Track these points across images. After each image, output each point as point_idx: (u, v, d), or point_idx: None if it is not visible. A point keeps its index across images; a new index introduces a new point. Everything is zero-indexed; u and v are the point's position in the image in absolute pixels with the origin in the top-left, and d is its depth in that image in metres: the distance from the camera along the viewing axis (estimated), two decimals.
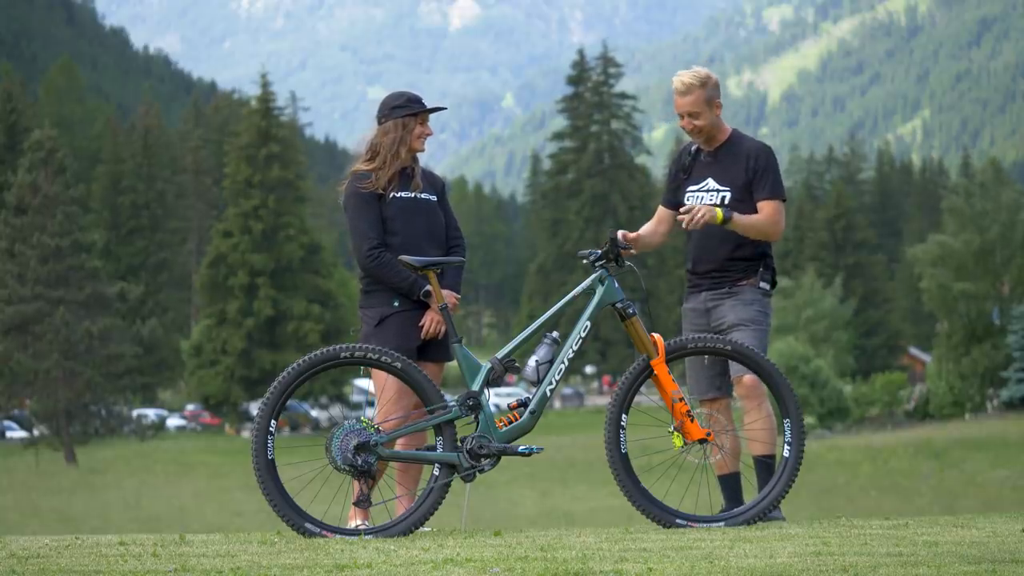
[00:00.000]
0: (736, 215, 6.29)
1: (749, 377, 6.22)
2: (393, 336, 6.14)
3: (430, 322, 6.21)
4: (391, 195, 6.27)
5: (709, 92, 6.42)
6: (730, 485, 6.34)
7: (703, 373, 6.49)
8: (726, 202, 6.41)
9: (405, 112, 6.31)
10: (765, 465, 6.24)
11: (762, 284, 6.45)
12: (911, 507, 29.58)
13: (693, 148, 6.62)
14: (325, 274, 64.18)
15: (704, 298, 6.53)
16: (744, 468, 6.37)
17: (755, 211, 6.42)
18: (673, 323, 66.82)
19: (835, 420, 53.73)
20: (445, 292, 6.05)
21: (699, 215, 6.16)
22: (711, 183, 6.48)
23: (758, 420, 6.25)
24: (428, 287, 6.10)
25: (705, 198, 6.46)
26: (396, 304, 6.22)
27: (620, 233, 6.17)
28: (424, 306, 6.23)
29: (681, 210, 6.24)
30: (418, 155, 6.42)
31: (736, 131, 6.56)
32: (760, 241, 6.44)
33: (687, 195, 6.56)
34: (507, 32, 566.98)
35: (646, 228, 6.70)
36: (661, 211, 6.69)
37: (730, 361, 6.31)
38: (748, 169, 6.40)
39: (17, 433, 55.21)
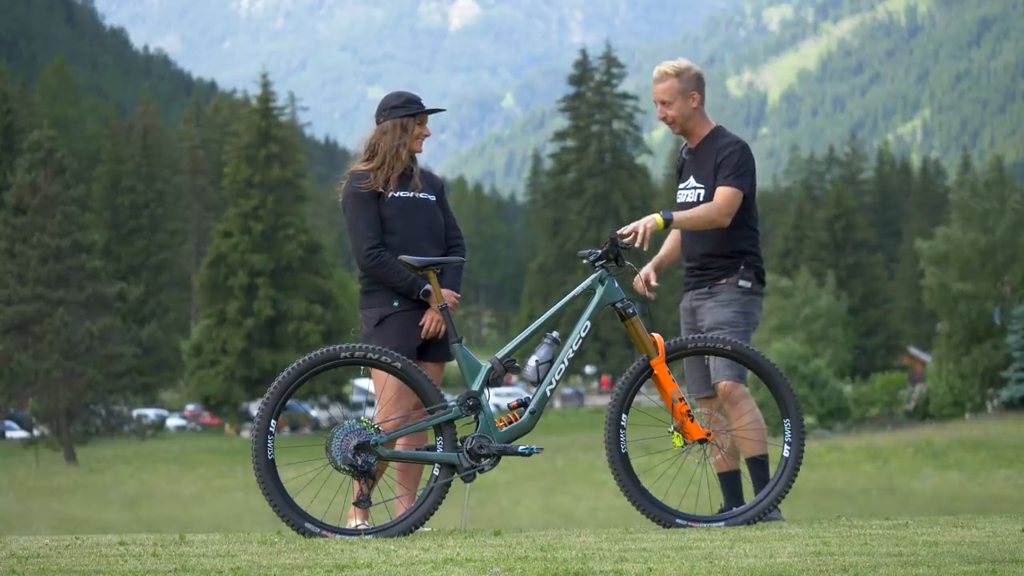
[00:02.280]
0: (676, 214, 6.22)
1: (723, 384, 6.23)
2: (393, 336, 6.13)
3: (430, 322, 6.20)
4: (390, 194, 6.26)
5: (684, 84, 6.40)
6: (730, 483, 6.34)
7: (695, 372, 6.49)
8: (701, 199, 6.39)
9: (403, 113, 6.30)
10: (759, 464, 6.24)
11: (742, 283, 6.39)
12: (911, 507, 29.53)
13: (684, 147, 6.63)
14: (325, 274, 64.18)
15: (690, 297, 6.54)
16: (743, 467, 6.38)
17: None
18: (673, 323, 66.59)
19: (835, 420, 53.71)
20: (445, 292, 6.04)
21: (641, 230, 6.03)
22: (692, 181, 6.49)
23: (741, 425, 6.23)
24: (427, 287, 6.10)
25: (690, 196, 6.46)
26: (396, 304, 6.21)
27: (644, 275, 6.23)
28: (424, 306, 6.22)
29: (622, 230, 6.02)
30: (416, 155, 6.42)
31: (720, 128, 6.52)
32: (737, 238, 6.39)
33: (678, 193, 6.59)
34: (507, 32, 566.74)
35: (668, 244, 6.69)
36: None
37: (710, 367, 6.31)
38: (716, 164, 6.38)
39: (17, 433, 55.19)
